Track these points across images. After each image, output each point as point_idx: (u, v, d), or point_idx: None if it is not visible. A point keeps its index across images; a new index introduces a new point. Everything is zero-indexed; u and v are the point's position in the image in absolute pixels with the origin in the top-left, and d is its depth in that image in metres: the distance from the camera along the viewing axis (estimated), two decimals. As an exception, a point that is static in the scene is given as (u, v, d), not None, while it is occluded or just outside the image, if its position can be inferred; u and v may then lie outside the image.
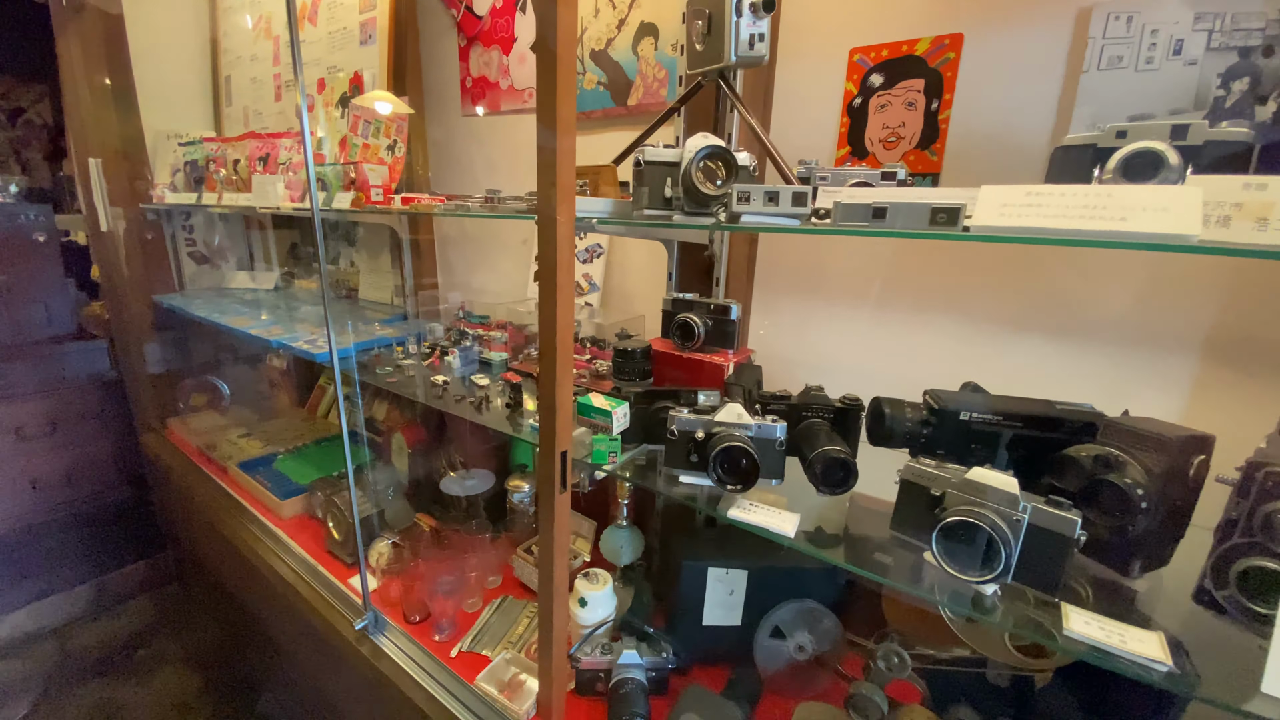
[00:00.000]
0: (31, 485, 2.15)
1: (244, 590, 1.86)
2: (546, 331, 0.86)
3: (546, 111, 0.76)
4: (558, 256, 0.82)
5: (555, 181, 0.79)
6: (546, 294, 0.84)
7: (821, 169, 0.89)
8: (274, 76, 2.00)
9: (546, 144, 0.78)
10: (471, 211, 1.06)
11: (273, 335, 1.67)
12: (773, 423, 0.86)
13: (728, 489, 0.81)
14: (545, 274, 0.84)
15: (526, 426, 1.14)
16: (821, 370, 1.26)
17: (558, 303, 0.84)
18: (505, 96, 1.66)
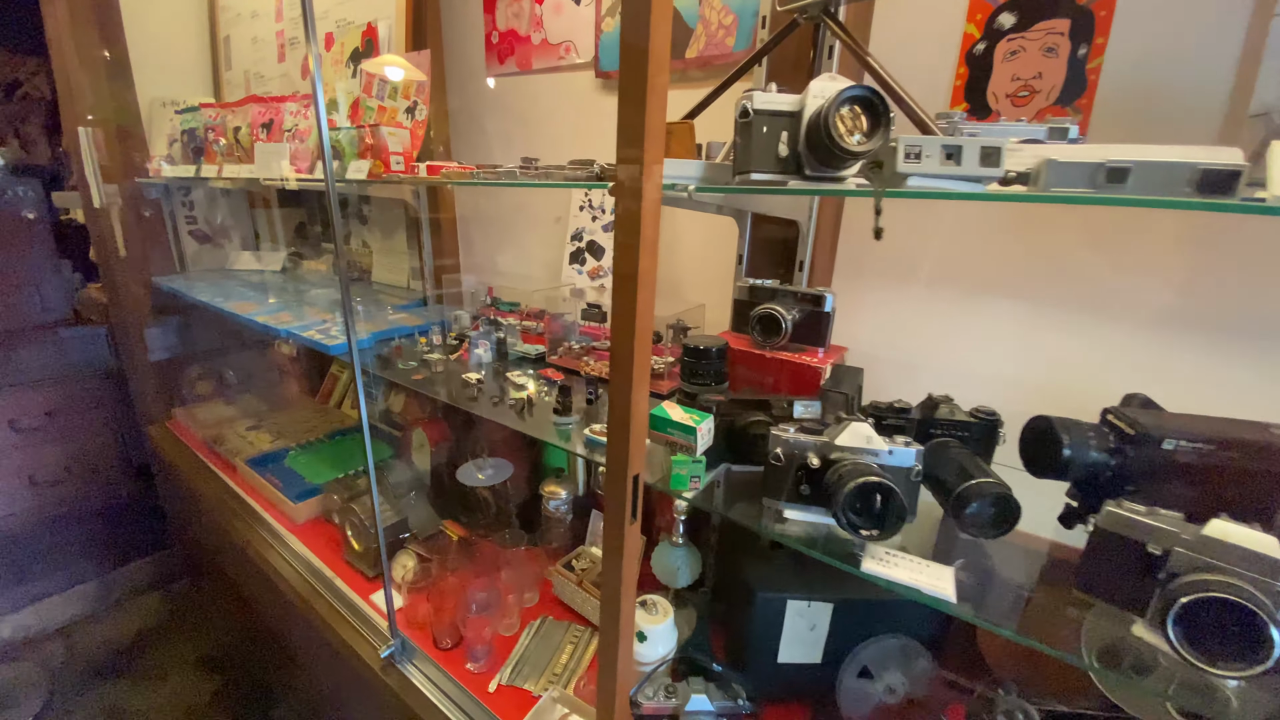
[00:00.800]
0: (29, 480, 2.02)
1: (257, 598, 1.72)
2: (622, 333, 0.69)
3: (635, 39, 0.58)
4: (641, 237, 0.64)
5: (644, 136, 0.60)
6: (624, 286, 0.67)
7: (968, 124, 0.71)
8: (277, 35, 1.80)
9: (633, 85, 0.60)
10: (518, 180, 0.87)
11: (281, 323, 1.51)
12: (906, 446, 0.69)
13: (860, 535, 0.64)
14: (624, 260, 0.66)
15: (578, 437, 0.97)
16: (915, 371, 1.08)
17: (639, 297, 0.67)
18: (538, 53, 1.46)
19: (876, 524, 0.64)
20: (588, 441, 0.91)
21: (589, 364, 1.22)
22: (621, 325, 0.69)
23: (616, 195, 0.65)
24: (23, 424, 1.98)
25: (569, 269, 1.53)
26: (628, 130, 0.62)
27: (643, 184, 0.62)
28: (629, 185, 0.63)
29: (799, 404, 0.82)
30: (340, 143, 1.22)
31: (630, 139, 0.62)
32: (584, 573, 1.31)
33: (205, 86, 2.16)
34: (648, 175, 0.62)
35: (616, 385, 0.71)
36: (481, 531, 1.53)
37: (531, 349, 1.36)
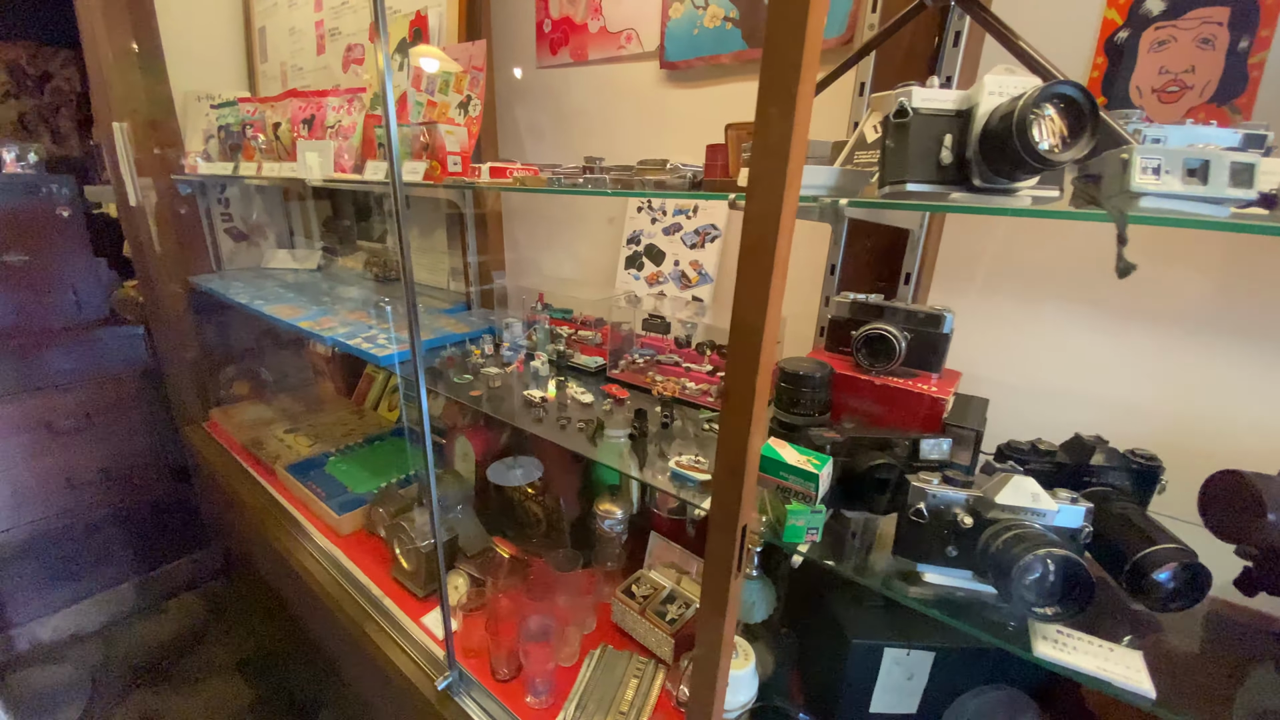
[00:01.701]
0: (67, 482, 2.00)
1: (300, 609, 1.68)
2: (743, 371, 0.60)
3: (789, 19, 0.48)
4: (775, 258, 0.55)
5: (790, 142, 0.51)
6: (750, 315, 0.58)
7: (1149, 125, 0.60)
8: (315, 25, 1.72)
9: (780, 79, 0.50)
10: (607, 188, 0.78)
11: (325, 329, 1.44)
12: (1074, 503, 0.59)
13: (1035, 613, 0.54)
14: (751, 286, 0.57)
15: (657, 467, 0.89)
16: (1031, 399, 0.97)
17: (765, 325, 0.58)
18: (595, 42, 1.36)
19: (1053, 600, 0.54)
20: (675, 476, 0.83)
21: (657, 381, 1.13)
22: (743, 362, 0.60)
23: (747, 211, 0.55)
24: (60, 425, 1.95)
25: (624, 274, 1.44)
26: (770, 135, 0.52)
27: (783, 199, 0.53)
28: (765, 201, 0.54)
29: (926, 442, 0.73)
30: (392, 141, 1.13)
31: (771, 146, 0.52)
32: (646, 600, 1.23)
33: (240, 80, 2.10)
34: (790, 188, 0.53)
35: (731, 427, 0.62)
36: (532, 548, 1.46)
37: (590, 361, 1.27)
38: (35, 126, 3.64)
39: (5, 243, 1.83)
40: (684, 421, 1.01)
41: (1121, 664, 0.53)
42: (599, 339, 1.33)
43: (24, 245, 1.85)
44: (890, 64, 0.88)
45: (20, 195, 1.83)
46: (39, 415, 1.91)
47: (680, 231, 1.33)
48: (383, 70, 0.74)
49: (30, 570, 2.01)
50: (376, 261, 2.16)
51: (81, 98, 3.72)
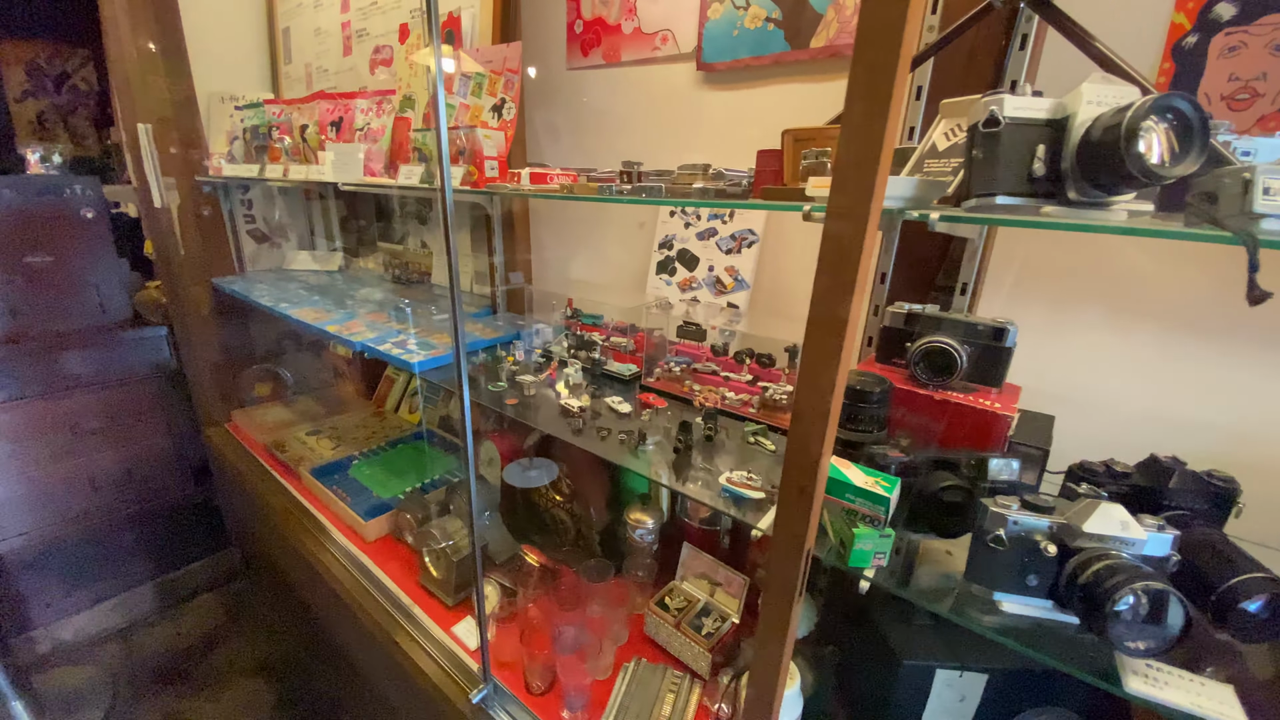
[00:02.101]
0: (90, 483, 2.00)
1: (323, 612, 1.67)
2: (815, 391, 0.57)
3: (885, 19, 0.46)
4: (857, 272, 0.53)
5: (880, 150, 0.48)
6: (825, 334, 0.55)
7: (1237, 137, 0.57)
8: (342, 26, 1.71)
9: (866, 83, 0.48)
10: (663, 197, 0.76)
11: (353, 335, 1.42)
12: (1160, 531, 0.57)
13: (1127, 648, 0.52)
14: (827, 303, 0.55)
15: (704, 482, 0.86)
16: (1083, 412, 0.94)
17: (844, 345, 0.55)
18: (629, 43, 1.34)
19: (1146, 635, 0.52)
20: (725, 493, 0.80)
21: (698, 391, 1.11)
22: (817, 381, 0.57)
23: (828, 225, 0.53)
24: (84, 427, 1.95)
25: (655, 279, 1.42)
26: (858, 144, 0.50)
27: (869, 213, 0.50)
28: (849, 214, 0.51)
29: (994, 462, 0.70)
30: (426, 145, 1.11)
31: (859, 156, 0.50)
32: (680, 613, 1.21)
33: (263, 81, 2.09)
34: (876, 200, 0.50)
35: (802, 448, 0.60)
36: (560, 556, 1.44)
37: (624, 369, 1.25)
38: (53, 126, 3.65)
39: (29, 244, 1.83)
40: (726, 433, 0.99)
41: (1215, 699, 0.50)
42: (632, 346, 1.30)
43: (48, 246, 1.85)
44: (950, 68, 0.85)
45: (44, 196, 1.83)
46: (63, 417, 1.91)
47: (715, 237, 1.30)
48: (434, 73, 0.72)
49: (53, 571, 2.01)
50: (397, 263, 2.15)
51: (99, 97, 3.73)
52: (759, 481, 0.79)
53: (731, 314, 1.29)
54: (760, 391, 1.05)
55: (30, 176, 1.87)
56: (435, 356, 1.28)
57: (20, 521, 1.89)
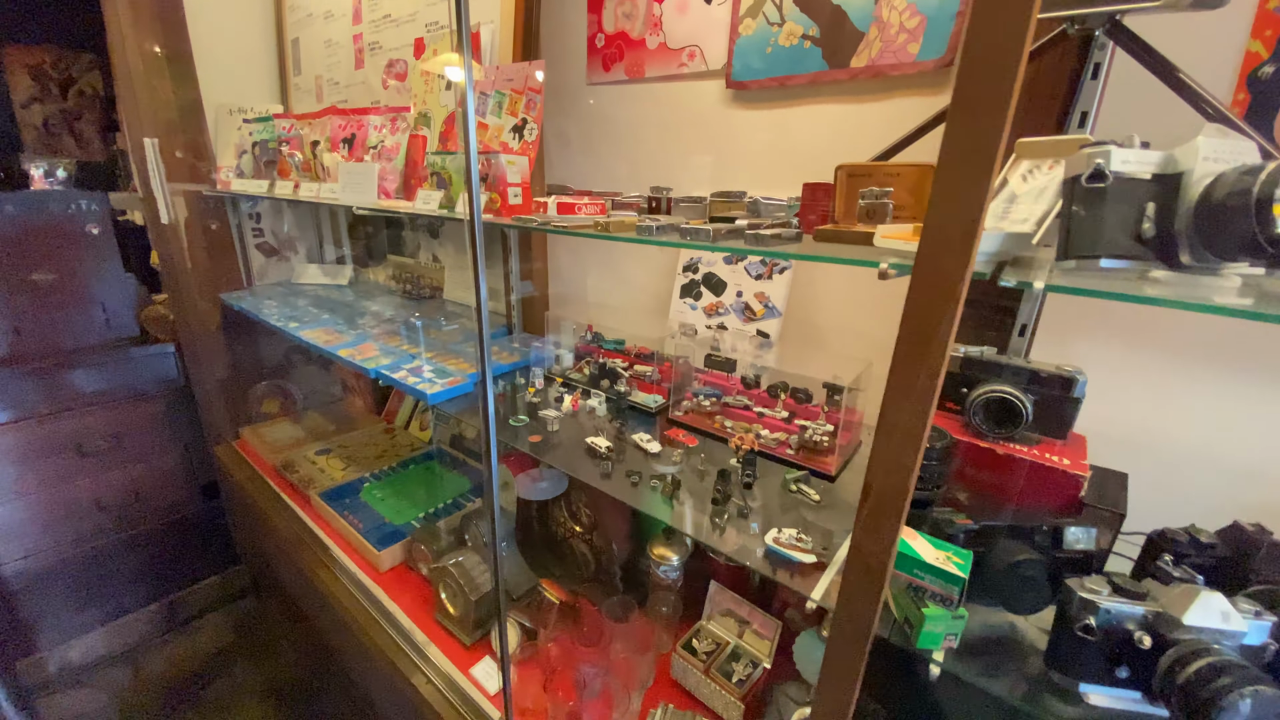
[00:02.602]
0: (96, 505, 1.96)
1: (334, 641, 1.62)
2: (890, 460, 0.52)
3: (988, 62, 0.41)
4: (946, 343, 0.47)
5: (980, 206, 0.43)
6: (902, 407, 0.50)
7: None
8: (354, 38, 1.66)
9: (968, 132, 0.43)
10: (713, 242, 0.70)
11: (367, 359, 1.38)
12: (1258, 617, 0.51)
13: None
14: (909, 367, 0.49)
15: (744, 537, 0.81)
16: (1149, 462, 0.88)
17: (929, 417, 0.50)
18: (653, 58, 1.29)
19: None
20: (772, 554, 0.75)
21: (733, 430, 1.05)
22: (896, 461, 0.52)
23: (915, 288, 0.47)
24: (90, 447, 1.91)
25: (679, 303, 1.37)
26: (954, 206, 0.44)
27: (963, 280, 0.45)
28: (937, 282, 0.46)
29: (1071, 532, 0.64)
30: (445, 169, 1.06)
31: (957, 220, 0.44)
32: (709, 657, 1.15)
33: (271, 92, 2.04)
34: (970, 262, 0.45)
35: (874, 527, 0.55)
36: (580, 590, 1.39)
37: (650, 400, 1.20)
38: (59, 131, 3.62)
39: (34, 261, 1.78)
40: (763, 478, 0.94)
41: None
42: (657, 376, 1.25)
43: (52, 263, 1.81)
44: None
45: (49, 212, 1.79)
46: (68, 437, 1.87)
47: (744, 261, 1.25)
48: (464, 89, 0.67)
49: (60, 592, 1.97)
50: (408, 277, 2.10)
51: (105, 102, 3.70)
52: (810, 543, 0.74)
53: (760, 343, 1.23)
54: (798, 430, 0.99)
55: (35, 192, 1.82)
56: (452, 387, 1.23)
57: (25, 543, 1.85)
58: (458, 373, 1.32)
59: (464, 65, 0.74)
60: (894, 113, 1.01)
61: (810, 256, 0.60)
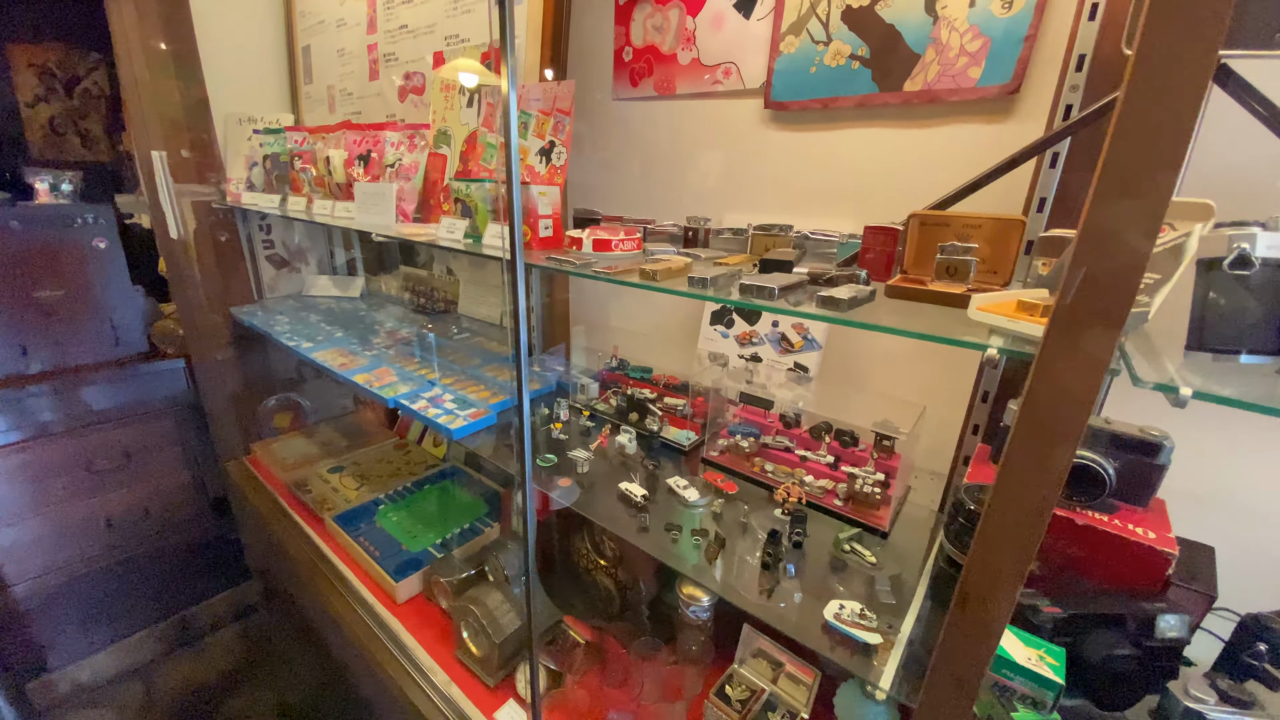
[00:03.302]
0: (107, 523, 1.92)
1: (348, 669, 1.58)
2: (1004, 565, 0.46)
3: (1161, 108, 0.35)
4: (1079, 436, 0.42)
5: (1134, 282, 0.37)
6: (1015, 504, 0.44)
7: None
8: (368, 49, 1.59)
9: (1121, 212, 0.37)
10: (773, 303, 0.64)
11: (385, 385, 1.32)
12: None
13: None
14: (1026, 458, 0.44)
15: (796, 608, 0.76)
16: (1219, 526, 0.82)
17: (1041, 517, 0.44)
18: (685, 74, 1.22)
19: None
20: (832, 630, 0.70)
21: (769, 473, 1.00)
22: (1000, 562, 0.46)
23: (1040, 373, 0.42)
24: (99, 465, 1.88)
25: (709, 329, 1.31)
26: (1103, 261, 0.38)
27: (1104, 369, 0.39)
28: (1070, 373, 0.40)
29: (1165, 619, 0.59)
30: (471, 197, 1.01)
31: (1108, 283, 0.38)
32: (745, 707, 1.10)
33: (281, 101, 1.98)
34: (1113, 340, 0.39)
35: (969, 633, 0.49)
36: (604, 627, 1.34)
37: (682, 436, 1.15)
38: (65, 130, 3.58)
39: (39, 278, 1.74)
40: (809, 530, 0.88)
41: None
42: (689, 410, 1.20)
43: (59, 280, 1.77)
44: (1089, 142, 0.73)
45: (54, 228, 1.74)
46: (78, 456, 1.83)
47: (780, 289, 1.19)
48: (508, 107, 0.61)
49: (70, 612, 1.94)
50: (422, 289, 2.05)
51: (111, 101, 3.65)
52: (874, 621, 0.68)
53: (797, 376, 1.18)
54: (845, 479, 0.94)
55: (41, 206, 1.77)
56: (475, 420, 1.18)
57: (35, 563, 1.82)
58: (479, 403, 1.27)
59: (506, 83, 0.68)
60: (949, 140, 0.94)
61: (899, 331, 0.54)
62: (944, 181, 0.95)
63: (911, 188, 0.98)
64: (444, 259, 2.01)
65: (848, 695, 1.04)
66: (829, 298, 0.56)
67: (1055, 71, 0.82)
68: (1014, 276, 0.64)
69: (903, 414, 0.98)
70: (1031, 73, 0.85)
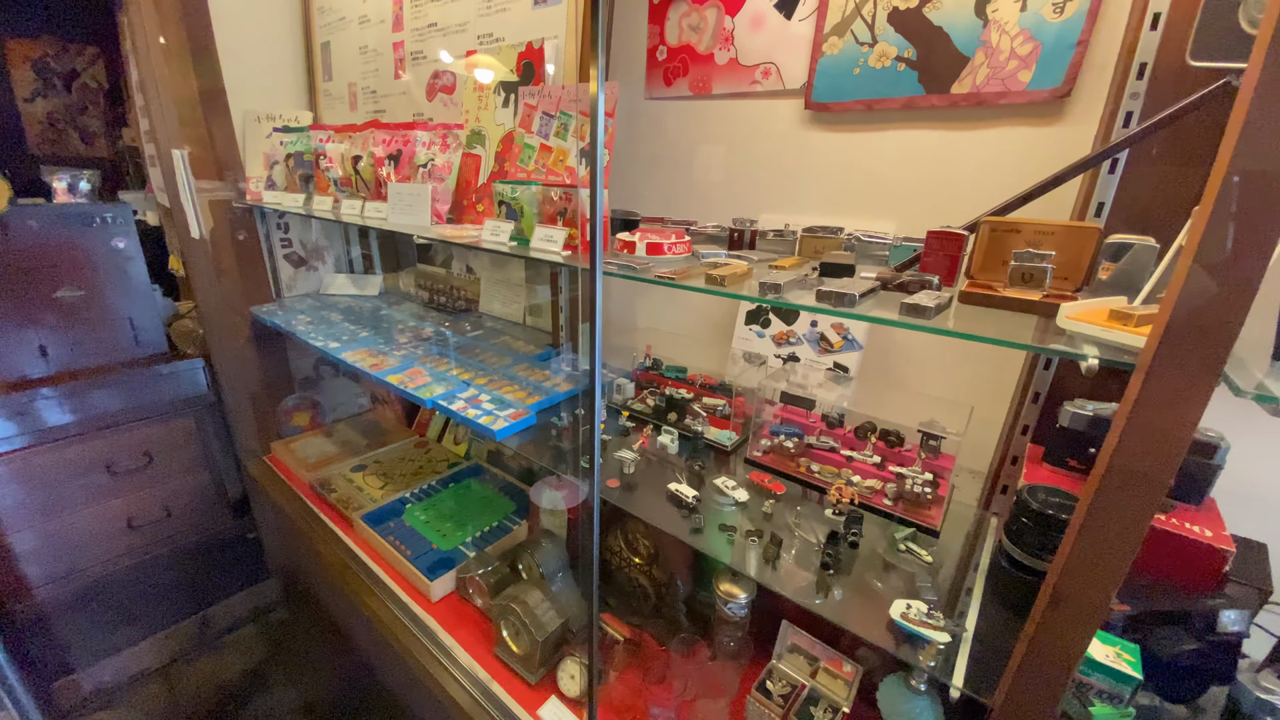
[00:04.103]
0: (128, 524, 1.92)
1: (378, 665, 1.59)
2: (1095, 568, 0.48)
3: None
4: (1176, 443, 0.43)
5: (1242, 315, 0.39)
6: (1116, 507, 0.46)
7: None
8: (394, 46, 1.58)
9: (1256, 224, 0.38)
10: (853, 309, 0.65)
11: (422, 389, 1.33)
12: None
13: None
14: (1128, 481, 0.45)
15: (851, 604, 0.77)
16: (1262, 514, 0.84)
17: (1145, 523, 0.46)
18: (722, 74, 1.22)
19: None
20: (899, 629, 0.71)
21: (817, 474, 1.01)
22: (1098, 568, 0.48)
23: (1141, 407, 0.43)
24: (120, 467, 1.87)
25: (743, 329, 1.32)
26: (1219, 261, 0.39)
27: (1211, 387, 0.40)
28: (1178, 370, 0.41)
29: (1226, 615, 0.61)
30: (518, 200, 1.01)
31: (1224, 288, 0.39)
32: (786, 701, 1.12)
33: (299, 98, 1.96)
34: (1226, 348, 0.40)
35: (1061, 633, 0.50)
36: (642, 624, 1.36)
37: (724, 436, 1.16)
38: (63, 126, 3.53)
39: (59, 278, 1.72)
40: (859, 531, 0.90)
41: None
42: (729, 410, 1.21)
43: (79, 279, 1.75)
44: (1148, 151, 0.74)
45: (73, 227, 1.72)
46: (99, 457, 1.82)
47: (818, 289, 1.19)
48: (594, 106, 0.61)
49: (93, 613, 1.94)
50: (441, 288, 2.05)
51: (110, 95, 3.60)
52: (940, 620, 0.70)
53: (836, 376, 1.19)
54: (893, 478, 0.95)
55: (59, 206, 1.75)
56: (516, 421, 1.19)
57: (57, 566, 1.82)
58: (517, 403, 1.28)
59: (597, 85, 0.68)
60: (997, 143, 0.95)
61: (996, 340, 0.55)
62: (990, 184, 0.97)
63: (957, 190, 0.99)
64: (463, 257, 2.01)
65: (891, 689, 1.06)
66: (914, 305, 0.57)
67: (1107, 76, 0.83)
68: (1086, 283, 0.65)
69: (946, 413, 0.99)
70: (1083, 77, 0.86)
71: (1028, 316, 0.61)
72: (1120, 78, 0.77)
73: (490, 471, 1.95)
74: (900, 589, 0.79)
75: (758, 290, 0.69)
